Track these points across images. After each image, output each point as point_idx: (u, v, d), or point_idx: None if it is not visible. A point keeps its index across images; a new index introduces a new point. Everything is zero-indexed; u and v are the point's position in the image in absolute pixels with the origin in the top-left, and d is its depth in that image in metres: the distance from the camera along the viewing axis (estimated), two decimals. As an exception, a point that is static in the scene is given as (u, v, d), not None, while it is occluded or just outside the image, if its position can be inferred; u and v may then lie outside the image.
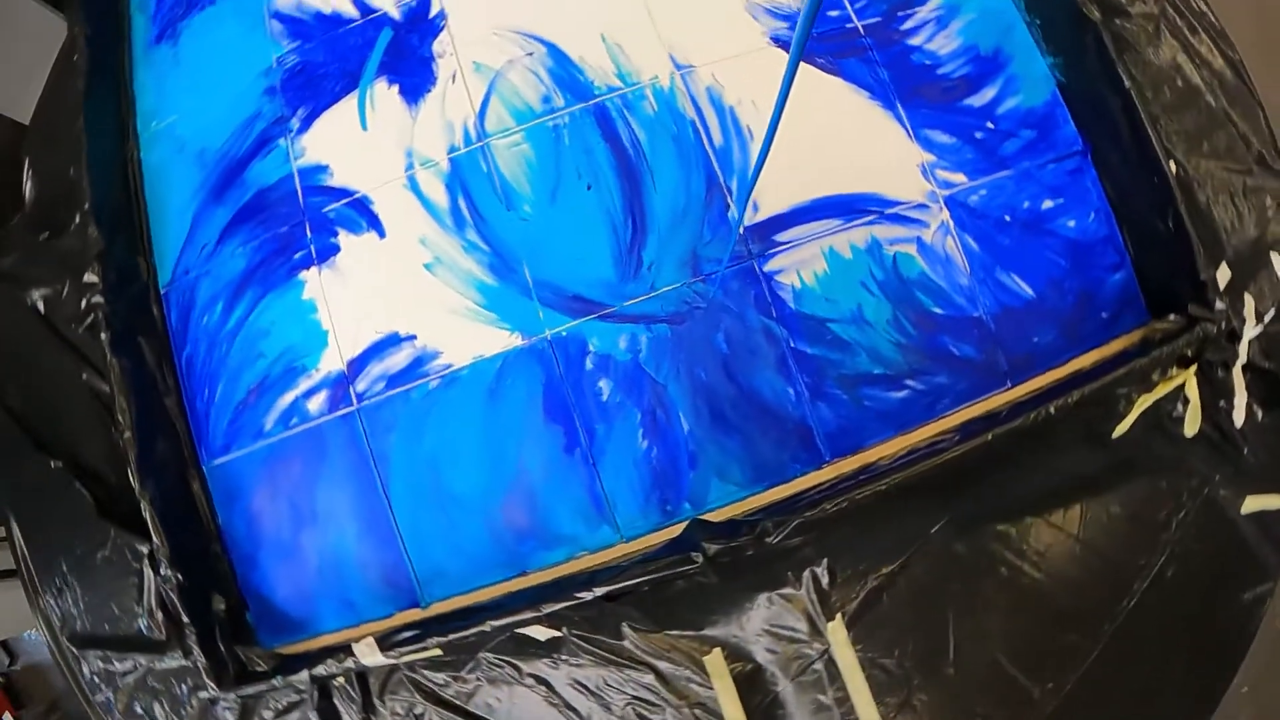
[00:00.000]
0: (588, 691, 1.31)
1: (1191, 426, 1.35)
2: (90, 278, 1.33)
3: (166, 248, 1.42)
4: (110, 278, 1.34)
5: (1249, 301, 1.35)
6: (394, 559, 1.28)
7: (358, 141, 1.38)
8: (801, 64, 1.32)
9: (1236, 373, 1.35)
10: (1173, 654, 1.33)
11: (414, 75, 1.39)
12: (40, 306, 1.44)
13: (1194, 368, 1.32)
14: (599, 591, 1.15)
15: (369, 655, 1.19)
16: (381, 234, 1.34)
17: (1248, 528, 1.37)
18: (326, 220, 1.36)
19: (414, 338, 1.30)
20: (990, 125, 1.33)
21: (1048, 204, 1.31)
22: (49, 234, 1.43)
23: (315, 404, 1.32)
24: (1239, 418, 1.35)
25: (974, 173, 1.31)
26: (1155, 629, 1.35)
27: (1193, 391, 1.34)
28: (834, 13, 1.37)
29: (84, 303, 1.37)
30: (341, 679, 1.23)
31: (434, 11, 1.41)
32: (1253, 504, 1.38)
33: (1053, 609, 1.34)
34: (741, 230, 1.26)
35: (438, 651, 1.23)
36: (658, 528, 1.24)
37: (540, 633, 1.28)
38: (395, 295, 1.32)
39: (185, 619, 1.21)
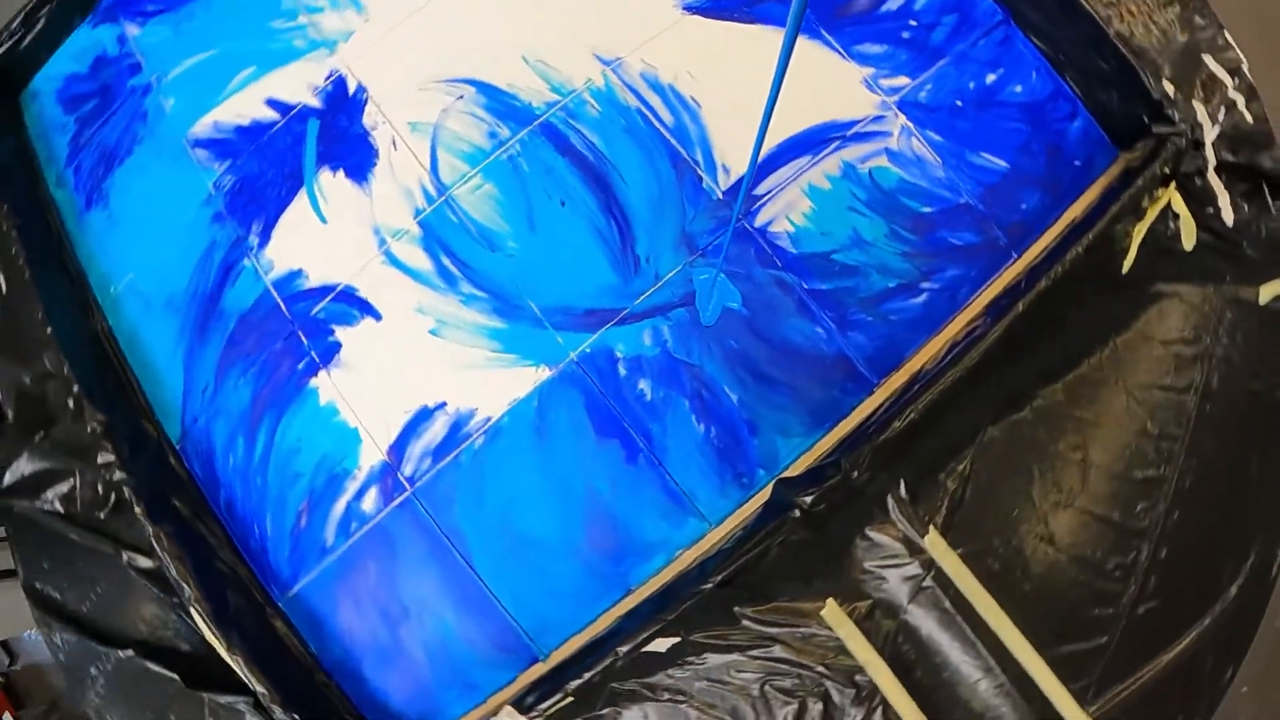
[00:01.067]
0: (722, 684, 1.31)
1: (1189, 239, 1.40)
2: (104, 458, 1.29)
3: (167, 403, 1.38)
4: (123, 451, 1.30)
5: (1198, 108, 1.40)
6: (498, 624, 1.26)
7: (322, 236, 1.36)
8: (724, 23, 1.34)
9: (1211, 176, 1.40)
10: (1246, 446, 1.38)
11: (354, 154, 1.37)
12: (59, 506, 1.39)
13: (1174, 184, 1.37)
14: (714, 581, 1.15)
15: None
16: (377, 317, 1.32)
17: (1273, 312, 1.42)
18: (318, 322, 1.34)
19: (444, 405, 1.28)
20: (913, 23, 1.36)
21: (990, 78, 1.35)
22: (43, 433, 1.39)
23: (369, 503, 1.29)
24: (1228, 216, 1.40)
25: (914, 71, 1.34)
26: (1222, 433, 1.40)
27: (1180, 206, 1.39)
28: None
29: (102, 485, 1.33)
30: (493, 756, 1.21)
31: (353, 89, 1.40)
32: (1268, 292, 1.43)
33: (1120, 450, 1.38)
34: (739, 217, 1.28)
35: (570, 699, 1.22)
36: (742, 502, 1.24)
37: (661, 644, 1.27)
38: (411, 370, 1.30)
39: (319, 753, 1.18)
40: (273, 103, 1.43)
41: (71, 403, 1.32)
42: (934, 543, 1.32)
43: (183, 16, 1.51)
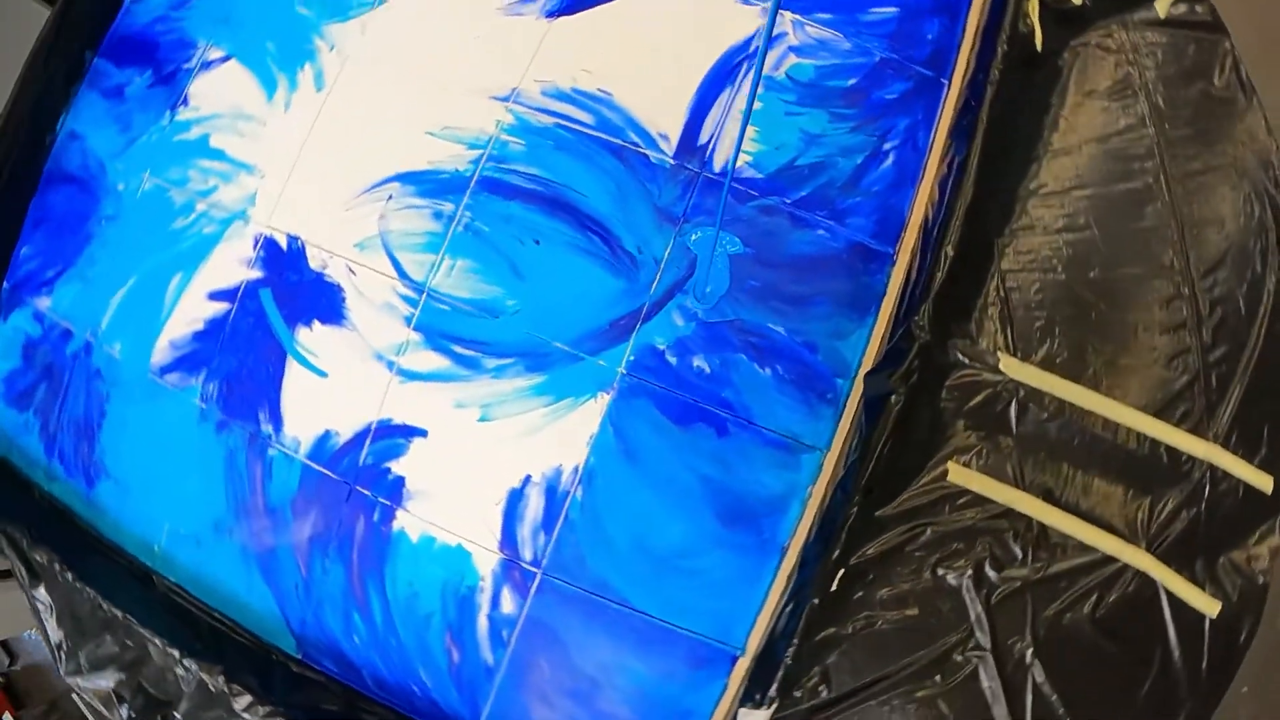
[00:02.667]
0: (897, 588, 1.32)
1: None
2: (241, 701, 1.23)
3: (269, 622, 1.33)
4: (254, 686, 1.24)
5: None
6: (684, 646, 1.24)
7: (330, 389, 1.33)
8: (587, 12, 1.36)
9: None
10: (1210, 136, 1.45)
11: (320, 300, 1.34)
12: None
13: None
14: (856, 500, 1.17)
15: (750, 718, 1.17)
16: (423, 434, 1.29)
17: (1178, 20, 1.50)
18: (370, 469, 1.30)
19: (529, 478, 1.26)
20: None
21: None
22: (171, 712, 1.32)
23: (508, 604, 1.26)
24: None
25: (774, -31, 1.38)
26: (1186, 143, 1.47)
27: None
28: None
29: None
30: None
31: (285, 243, 1.37)
32: (1163, 4, 1.51)
33: (1115, 201, 1.43)
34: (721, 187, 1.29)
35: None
36: (839, 417, 1.25)
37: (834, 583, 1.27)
38: (481, 463, 1.27)
39: None
40: (216, 295, 1.39)
41: (181, 670, 1.26)
42: (1009, 365, 1.36)
43: (84, 265, 1.46)
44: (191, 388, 1.38)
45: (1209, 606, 1.40)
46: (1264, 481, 1.42)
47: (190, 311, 1.40)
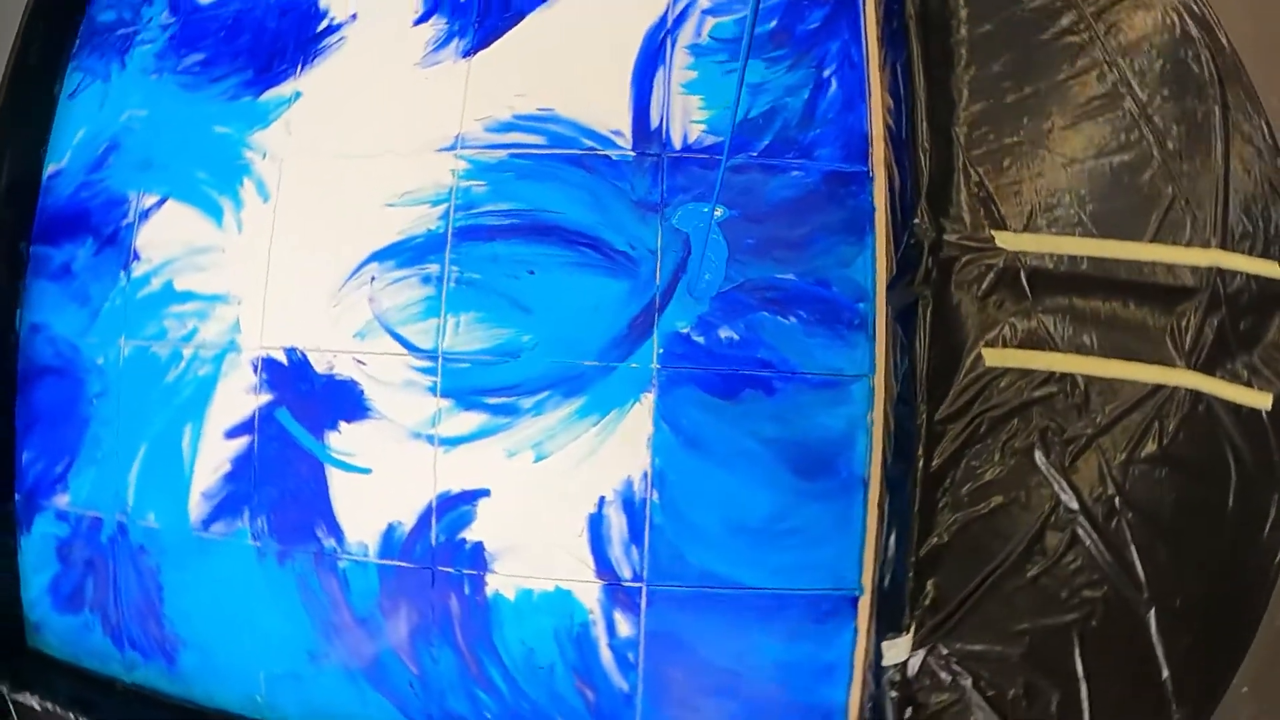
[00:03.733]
0: (995, 485, 1.33)
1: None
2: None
3: (394, 728, 1.30)
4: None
5: None
6: (804, 605, 1.24)
7: (378, 482, 1.31)
8: (501, 40, 1.36)
9: None
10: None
11: (338, 401, 1.32)
12: None
13: None
14: (922, 411, 1.19)
15: (898, 649, 1.18)
16: (486, 493, 1.28)
17: None
18: (444, 545, 1.28)
19: (602, 499, 1.25)
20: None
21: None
22: None
23: (624, 627, 1.25)
24: None
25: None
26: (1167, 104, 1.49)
27: None
28: None
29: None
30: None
31: (284, 359, 1.35)
32: None
33: (1047, 57, 1.46)
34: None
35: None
36: (872, 339, 1.27)
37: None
38: (551, 502, 1.26)
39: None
40: (233, 432, 1.36)
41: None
42: (1005, 240, 1.38)
43: (90, 449, 1.42)
44: (240, 530, 1.35)
45: (1261, 400, 1.44)
46: (1269, 268, 1.46)
47: (213, 457, 1.36)
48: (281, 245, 1.38)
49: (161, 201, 1.44)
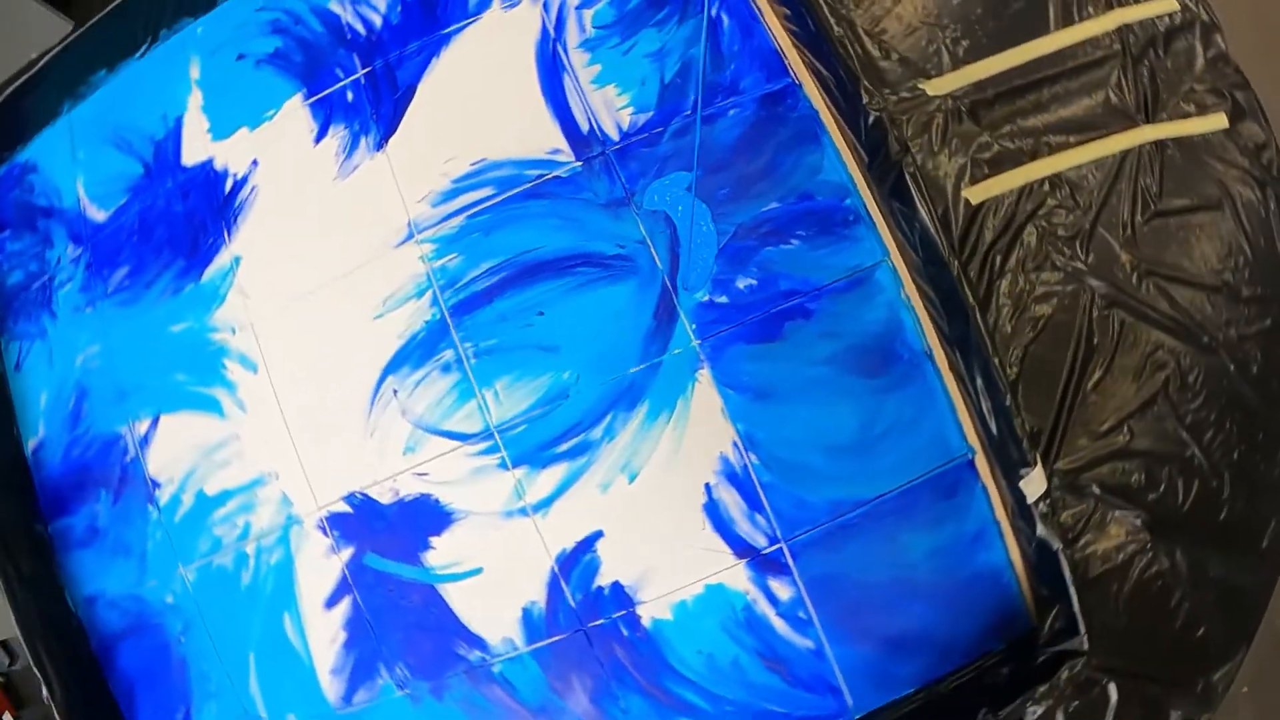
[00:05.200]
0: (1033, 301, 1.36)
1: None
2: None
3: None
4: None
5: None
6: (928, 489, 1.26)
7: (494, 577, 1.28)
8: (408, 114, 1.35)
9: None
10: None
11: (417, 520, 1.29)
12: None
13: None
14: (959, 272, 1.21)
15: (1036, 484, 1.20)
16: (600, 535, 1.26)
17: None
18: (583, 602, 1.26)
19: (708, 486, 1.25)
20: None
21: None
22: None
23: (784, 590, 1.25)
24: None
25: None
26: None
27: None
28: None
29: None
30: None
31: (348, 507, 1.31)
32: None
33: None
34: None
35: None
36: (873, 224, 1.29)
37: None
38: (662, 512, 1.26)
39: None
40: (331, 600, 1.32)
41: None
42: (935, 86, 1.42)
43: (200, 687, 1.37)
44: (384, 687, 1.30)
45: (1217, 123, 1.51)
46: (1167, 5, 1.53)
47: (324, 633, 1.32)
48: (291, 405, 1.34)
49: (155, 422, 1.39)
